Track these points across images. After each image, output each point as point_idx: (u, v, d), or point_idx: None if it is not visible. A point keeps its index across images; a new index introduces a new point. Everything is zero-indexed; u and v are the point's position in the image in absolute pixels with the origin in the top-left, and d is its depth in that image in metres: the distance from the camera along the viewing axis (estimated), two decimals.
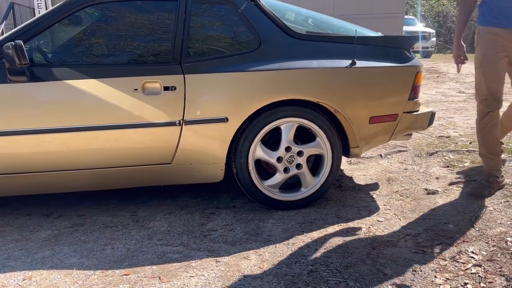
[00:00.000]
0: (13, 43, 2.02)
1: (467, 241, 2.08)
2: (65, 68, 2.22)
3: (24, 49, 2.05)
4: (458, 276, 1.81)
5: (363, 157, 3.45)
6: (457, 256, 1.96)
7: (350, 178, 3.03)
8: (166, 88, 2.25)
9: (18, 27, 2.27)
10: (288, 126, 2.38)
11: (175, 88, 2.25)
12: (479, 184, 2.59)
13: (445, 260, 1.93)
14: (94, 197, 2.74)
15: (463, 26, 2.53)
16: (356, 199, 2.65)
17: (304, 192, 2.50)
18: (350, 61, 2.38)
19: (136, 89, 2.22)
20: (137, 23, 2.34)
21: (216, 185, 2.69)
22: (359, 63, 2.40)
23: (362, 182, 2.95)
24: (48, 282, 1.80)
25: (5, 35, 2.28)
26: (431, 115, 2.69)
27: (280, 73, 2.32)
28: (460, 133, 4.05)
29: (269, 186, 2.46)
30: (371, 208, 2.50)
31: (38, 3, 9.55)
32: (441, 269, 1.86)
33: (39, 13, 9.62)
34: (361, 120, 2.44)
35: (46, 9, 9.57)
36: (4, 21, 8.11)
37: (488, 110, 2.50)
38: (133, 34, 2.32)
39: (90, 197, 2.74)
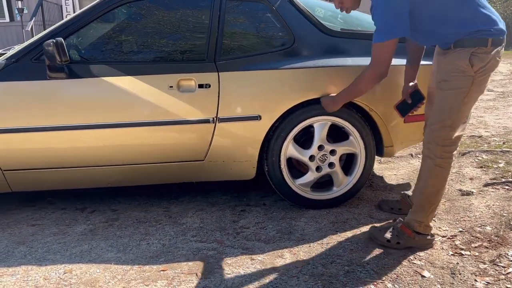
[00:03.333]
0: (54, 40, 2.05)
1: (506, 245, 2.03)
2: (102, 65, 2.25)
3: (65, 46, 2.09)
4: (499, 280, 1.77)
5: (393, 156, 3.39)
6: (497, 260, 1.91)
7: (381, 178, 3.00)
8: (200, 86, 2.25)
9: (57, 24, 2.32)
10: (321, 124, 2.36)
11: (210, 86, 2.26)
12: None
13: (485, 264, 1.89)
14: (125, 192, 2.78)
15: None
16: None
17: (336, 191, 2.48)
18: None
19: (172, 87, 2.24)
20: (172, 21, 2.36)
21: (245, 182, 2.69)
22: (394, 61, 2.33)
23: (393, 182, 2.91)
24: (88, 276, 1.84)
25: (44, 32, 2.32)
26: None
27: (314, 71, 2.30)
28: (492, 133, 3.95)
29: (300, 185, 2.45)
30: None
31: (65, 0, 9.72)
32: (481, 273, 1.82)
33: (66, 10, 9.82)
34: (396, 119, 2.40)
35: (73, 6, 9.73)
36: (34, 18, 8.29)
37: None
38: (169, 32, 2.34)
39: (122, 192, 2.78)
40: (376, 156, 2.60)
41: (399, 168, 3.17)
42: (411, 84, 2.22)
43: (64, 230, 2.29)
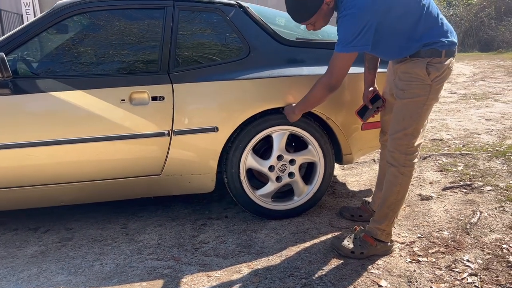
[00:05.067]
0: None
1: (462, 249, 2.05)
2: (50, 80, 2.16)
3: (6, 62, 1.99)
4: (454, 286, 1.78)
5: (356, 162, 3.42)
6: (453, 265, 1.93)
7: (344, 184, 3.00)
8: (154, 98, 2.20)
9: (0, 39, 2.22)
10: (279, 134, 2.35)
11: (163, 98, 2.20)
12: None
13: (441, 270, 1.90)
14: (83, 209, 2.68)
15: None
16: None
17: (297, 200, 2.46)
18: None
19: (124, 100, 2.17)
20: (123, 32, 2.29)
21: (208, 194, 2.64)
22: (350, 69, 2.35)
23: (355, 189, 2.92)
24: None
25: None
26: None
27: (270, 81, 2.28)
28: (453, 136, 4.04)
29: (261, 196, 2.42)
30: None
31: (26, 9, 9.45)
32: (437, 279, 1.83)
33: (27, 19, 9.55)
34: (353, 127, 2.41)
35: (35, 15, 9.46)
36: None
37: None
38: (120, 43, 2.27)
39: (79, 209, 2.68)
40: (337, 164, 2.61)
41: (361, 174, 3.19)
42: (370, 89, 2.23)
43: (13, 253, 2.18)
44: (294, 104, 2.21)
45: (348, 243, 2.05)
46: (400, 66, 1.93)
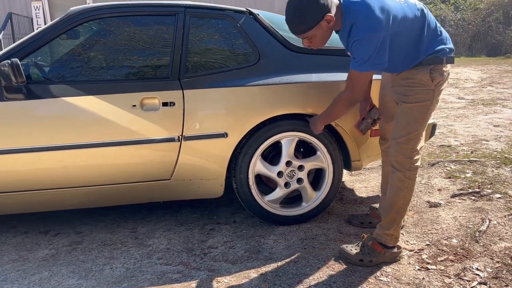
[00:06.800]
0: (9, 61, 1.99)
1: (471, 257, 2.04)
2: (62, 85, 2.19)
3: (21, 67, 2.03)
4: None
5: (364, 168, 3.42)
6: (462, 273, 1.92)
7: (352, 190, 3.00)
8: (164, 104, 2.22)
9: (14, 44, 2.25)
10: (288, 140, 2.36)
11: (174, 104, 2.22)
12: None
13: (450, 278, 1.90)
14: (92, 213, 2.71)
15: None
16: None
17: (305, 206, 2.47)
18: None
19: (135, 105, 2.19)
20: (135, 39, 2.32)
21: (216, 198, 2.66)
22: None
23: (363, 195, 2.92)
24: None
25: (1, 52, 2.25)
26: (433, 127, 2.67)
27: (280, 87, 2.30)
28: (461, 142, 4.02)
29: (269, 201, 2.43)
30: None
31: (36, 13, 9.55)
32: None
33: (37, 23, 9.65)
34: None
35: (44, 18, 9.56)
36: (2, 31, 8.10)
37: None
38: (131, 49, 2.30)
39: (89, 213, 2.71)
40: (345, 170, 2.61)
41: (369, 180, 3.19)
42: (367, 101, 2.22)
43: (24, 256, 2.21)
44: (316, 116, 2.21)
45: (356, 251, 2.06)
46: (400, 73, 1.95)
